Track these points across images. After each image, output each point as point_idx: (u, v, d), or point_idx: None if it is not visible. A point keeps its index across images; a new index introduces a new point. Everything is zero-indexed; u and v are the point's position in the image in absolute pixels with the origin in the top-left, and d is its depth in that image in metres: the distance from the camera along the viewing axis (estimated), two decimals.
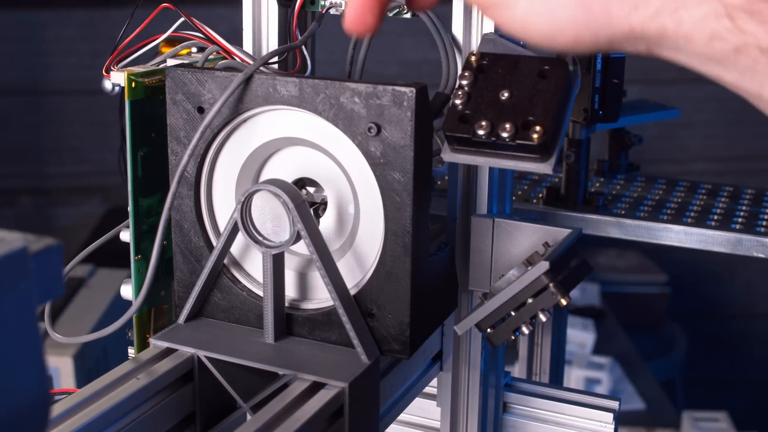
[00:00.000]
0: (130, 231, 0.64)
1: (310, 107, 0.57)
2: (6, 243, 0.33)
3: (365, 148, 0.56)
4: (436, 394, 0.70)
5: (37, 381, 0.35)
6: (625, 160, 0.97)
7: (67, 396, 0.53)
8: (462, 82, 0.56)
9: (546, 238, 0.63)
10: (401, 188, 0.56)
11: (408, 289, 0.57)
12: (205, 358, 0.58)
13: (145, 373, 0.56)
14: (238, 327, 0.62)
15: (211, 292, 0.62)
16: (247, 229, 0.58)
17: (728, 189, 0.94)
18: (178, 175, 0.59)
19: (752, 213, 0.86)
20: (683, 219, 0.84)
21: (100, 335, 0.62)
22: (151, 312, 0.66)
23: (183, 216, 0.62)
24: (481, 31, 0.63)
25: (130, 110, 0.62)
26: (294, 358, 0.58)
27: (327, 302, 0.60)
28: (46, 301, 0.35)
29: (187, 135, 0.60)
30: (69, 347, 1.53)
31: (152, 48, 0.65)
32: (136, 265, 0.65)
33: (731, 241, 0.81)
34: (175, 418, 0.58)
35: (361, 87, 0.55)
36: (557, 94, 0.54)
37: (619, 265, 2.46)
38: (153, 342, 0.60)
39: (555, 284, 0.57)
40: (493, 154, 0.55)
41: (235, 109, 0.59)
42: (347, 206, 0.60)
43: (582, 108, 0.79)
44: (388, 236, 0.57)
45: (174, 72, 0.60)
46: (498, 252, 0.64)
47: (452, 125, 0.55)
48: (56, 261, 0.35)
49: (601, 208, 0.85)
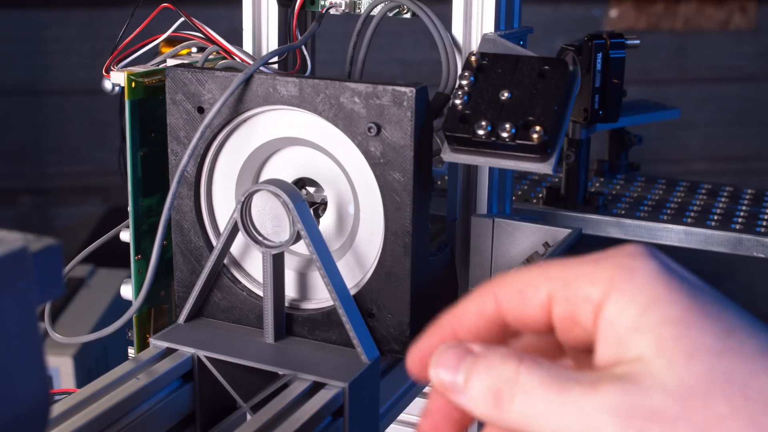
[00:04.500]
0: (130, 231, 0.64)
1: (310, 107, 0.57)
2: (6, 243, 0.33)
3: (365, 148, 0.56)
4: None
5: (37, 381, 0.35)
6: (625, 160, 0.97)
7: (67, 396, 0.53)
8: (462, 82, 0.56)
9: (546, 238, 0.63)
10: (401, 188, 0.56)
11: (408, 289, 0.57)
12: (205, 358, 0.58)
13: (145, 373, 0.56)
14: (238, 327, 0.62)
15: (211, 292, 0.62)
16: (247, 229, 0.58)
17: (728, 189, 0.94)
18: (178, 175, 0.59)
19: (752, 213, 0.86)
20: (683, 219, 0.84)
21: (100, 335, 0.62)
22: (151, 312, 0.66)
23: (183, 216, 0.62)
24: (481, 31, 0.63)
25: (130, 110, 0.62)
26: (294, 358, 0.58)
27: (327, 302, 0.60)
28: (46, 301, 0.35)
29: (187, 135, 0.60)
30: (69, 347, 1.53)
31: (152, 48, 0.65)
32: (136, 265, 0.65)
33: (731, 241, 0.81)
34: (175, 418, 0.58)
35: (361, 87, 0.55)
36: (557, 94, 0.54)
37: None
38: (153, 342, 0.60)
39: None
40: (493, 154, 0.55)
41: (235, 109, 0.59)
42: (347, 206, 0.60)
43: (582, 108, 0.79)
44: (388, 236, 0.57)
45: (174, 72, 0.60)
46: (498, 252, 0.64)
47: (452, 125, 0.55)
48: (56, 261, 0.35)
49: (601, 208, 0.85)
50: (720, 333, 0.34)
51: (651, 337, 0.34)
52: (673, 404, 0.33)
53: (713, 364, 0.33)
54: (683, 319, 0.34)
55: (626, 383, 0.33)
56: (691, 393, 0.33)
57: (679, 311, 0.34)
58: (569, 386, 0.34)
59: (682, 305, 0.34)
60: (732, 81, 2.30)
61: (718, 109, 2.32)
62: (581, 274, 0.36)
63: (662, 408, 0.33)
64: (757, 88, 2.31)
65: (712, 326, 0.34)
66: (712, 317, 0.34)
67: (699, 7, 2.26)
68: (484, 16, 0.63)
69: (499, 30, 0.64)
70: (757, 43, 2.28)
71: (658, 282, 0.35)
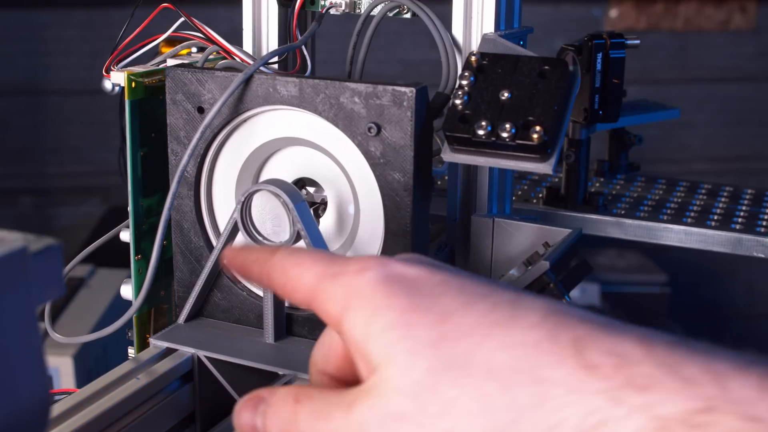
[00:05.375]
0: (130, 231, 0.64)
1: (310, 107, 0.57)
2: (6, 243, 0.33)
3: (365, 148, 0.56)
4: None
5: (37, 381, 0.35)
6: (625, 160, 0.97)
7: (67, 396, 0.53)
8: (462, 82, 0.56)
9: (546, 238, 0.63)
10: (401, 188, 0.56)
11: None
12: (205, 358, 0.58)
13: (145, 373, 0.56)
14: (238, 327, 0.62)
15: (211, 292, 0.62)
16: (247, 229, 0.58)
17: (728, 189, 0.94)
18: (178, 175, 0.59)
19: (752, 213, 0.86)
20: (683, 219, 0.84)
21: (100, 335, 0.62)
22: (151, 312, 0.66)
23: (183, 216, 0.62)
24: (481, 31, 0.63)
25: (130, 110, 0.62)
26: (294, 358, 0.58)
27: None
28: (46, 301, 0.35)
29: (187, 135, 0.60)
30: (69, 347, 1.52)
31: (152, 48, 0.65)
32: (136, 265, 0.65)
33: (731, 241, 0.81)
34: (175, 418, 0.58)
35: (361, 87, 0.55)
36: (557, 94, 0.54)
37: (619, 265, 2.45)
38: (153, 342, 0.60)
39: (555, 284, 0.57)
40: (493, 154, 0.55)
41: (235, 109, 0.59)
42: (347, 206, 0.60)
43: (582, 108, 0.79)
44: (388, 236, 0.57)
45: (174, 72, 0.60)
46: (498, 252, 0.64)
47: (452, 125, 0.55)
48: (56, 261, 0.35)
49: (601, 208, 0.85)
50: (434, 323, 0.36)
51: (380, 345, 0.36)
52: (410, 403, 0.35)
53: (432, 354, 0.35)
54: (401, 320, 0.36)
55: (371, 397, 0.36)
56: (422, 388, 0.35)
57: (397, 314, 0.36)
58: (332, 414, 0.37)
59: (400, 308, 0.36)
60: (732, 81, 2.30)
61: (718, 109, 2.32)
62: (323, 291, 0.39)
63: (403, 409, 0.35)
64: (757, 88, 2.31)
65: (426, 318, 0.36)
66: (426, 309, 0.36)
67: (699, 7, 2.25)
68: (484, 16, 0.63)
69: (499, 30, 0.64)
70: (757, 43, 2.28)
71: (378, 292, 0.37)
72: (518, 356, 0.34)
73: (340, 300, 0.38)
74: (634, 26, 2.24)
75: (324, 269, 0.39)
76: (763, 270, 2.35)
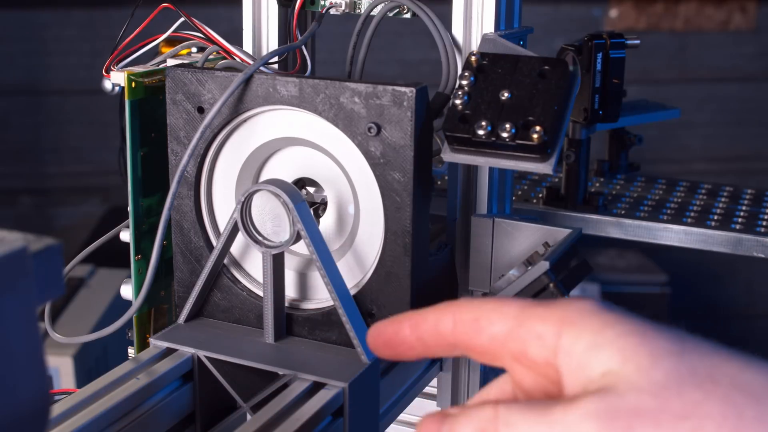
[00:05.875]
0: (130, 231, 0.64)
1: (310, 107, 0.57)
2: (6, 243, 0.33)
3: (365, 148, 0.56)
4: (436, 394, 0.70)
5: (37, 381, 0.35)
6: (625, 160, 0.97)
7: (67, 396, 0.53)
8: (462, 82, 0.56)
9: (546, 238, 0.63)
10: (401, 188, 0.56)
11: (408, 289, 0.57)
12: (205, 358, 0.58)
13: (145, 373, 0.56)
14: (238, 327, 0.62)
15: (211, 292, 0.62)
16: (247, 229, 0.58)
17: (728, 189, 0.94)
18: (178, 175, 0.59)
19: (752, 213, 0.86)
20: (683, 219, 0.84)
21: (100, 335, 0.62)
22: (151, 312, 0.66)
23: (183, 216, 0.62)
24: (481, 31, 0.63)
25: (130, 110, 0.62)
26: (294, 358, 0.58)
27: (327, 302, 0.60)
28: (46, 301, 0.35)
29: (187, 135, 0.60)
30: (69, 347, 1.53)
31: (152, 48, 0.65)
32: (136, 265, 0.65)
33: (731, 241, 0.81)
34: (175, 418, 0.58)
35: (361, 87, 0.55)
36: (557, 94, 0.54)
37: (619, 265, 2.45)
38: (153, 342, 0.60)
39: (555, 284, 0.57)
40: (493, 154, 0.55)
41: (235, 109, 0.59)
42: (347, 206, 0.60)
43: (582, 108, 0.79)
44: (388, 236, 0.57)
45: (174, 72, 0.60)
46: (498, 252, 0.64)
47: (452, 125, 0.55)
48: (56, 261, 0.35)
49: (601, 208, 0.85)
50: (675, 339, 0.36)
51: (613, 350, 0.36)
52: (650, 400, 0.34)
53: (677, 361, 0.35)
54: (638, 331, 0.36)
55: (602, 393, 0.35)
56: (663, 387, 0.35)
57: (633, 326, 0.37)
58: (549, 408, 0.36)
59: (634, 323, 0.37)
60: (732, 81, 2.30)
61: (718, 109, 2.32)
62: (534, 315, 0.38)
63: (640, 405, 0.34)
64: (757, 88, 2.31)
65: (666, 335, 0.36)
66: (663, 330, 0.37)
67: (699, 7, 2.25)
68: (484, 16, 0.63)
69: (499, 30, 0.64)
70: (757, 43, 2.28)
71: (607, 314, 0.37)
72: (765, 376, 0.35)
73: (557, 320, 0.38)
74: (634, 26, 2.25)
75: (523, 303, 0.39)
76: (763, 270, 2.35)
